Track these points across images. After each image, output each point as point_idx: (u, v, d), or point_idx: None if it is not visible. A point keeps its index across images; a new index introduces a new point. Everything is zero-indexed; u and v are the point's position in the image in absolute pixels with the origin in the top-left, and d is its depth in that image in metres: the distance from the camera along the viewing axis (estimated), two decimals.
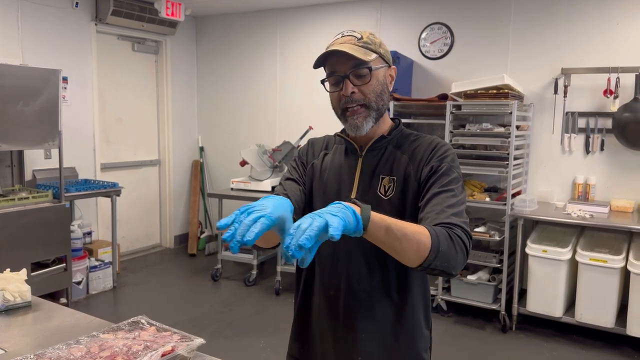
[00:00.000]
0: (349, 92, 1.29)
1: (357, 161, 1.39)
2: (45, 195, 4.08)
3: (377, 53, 1.32)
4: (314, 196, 1.43)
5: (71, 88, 4.87)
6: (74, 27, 4.88)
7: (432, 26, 4.73)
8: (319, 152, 1.48)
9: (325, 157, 1.46)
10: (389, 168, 1.35)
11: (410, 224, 1.12)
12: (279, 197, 1.05)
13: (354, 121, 1.32)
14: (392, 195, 1.32)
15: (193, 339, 1.38)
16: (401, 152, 1.36)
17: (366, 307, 1.35)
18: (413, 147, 1.36)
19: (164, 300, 4.58)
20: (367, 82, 1.30)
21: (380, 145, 1.38)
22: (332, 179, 1.41)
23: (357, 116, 1.31)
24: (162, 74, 5.91)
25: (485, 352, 3.63)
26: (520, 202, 4.00)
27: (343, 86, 1.30)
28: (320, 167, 1.45)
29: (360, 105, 1.31)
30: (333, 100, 1.35)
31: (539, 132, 4.36)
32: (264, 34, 5.72)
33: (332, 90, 1.34)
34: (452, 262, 1.14)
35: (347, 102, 1.31)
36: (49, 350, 1.30)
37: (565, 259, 3.73)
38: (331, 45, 1.32)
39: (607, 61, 4.00)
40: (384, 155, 1.37)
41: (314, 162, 1.47)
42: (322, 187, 1.42)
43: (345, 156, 1.42)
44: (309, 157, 1.49)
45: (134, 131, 5.77)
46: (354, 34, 1.33)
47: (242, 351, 3.58)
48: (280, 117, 5.69)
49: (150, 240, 6.10)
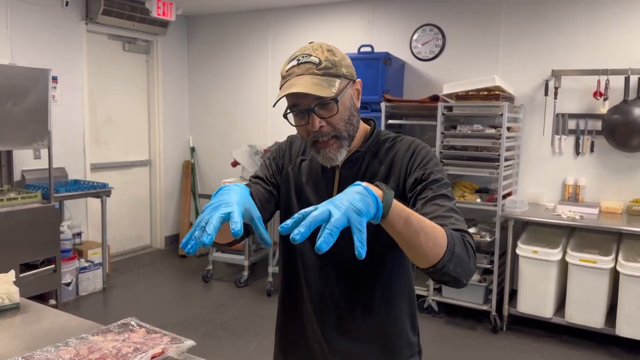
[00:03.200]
0: (316, 127, 1.21)
1: (333, 174, 1.33)
2: (35, 195, 4.04)
3: (339, 76, 1.21)
4: (289, 206, 1.38)
5: (61, 88, 4.83)
6: (64, 26, 4.85)
7: (423, 27, 4.74)
8: (296, 156, 1.41)
9: (302, 164, 1.39)
10: (368, 180, 1.28)
11: (427, 220, 1.05)
12: (234, 189, 1.03)
13: (326, 154, 1.24)
14: None
15: (183, 340, 1.37)
16: (378, 161, 1.30)
17: (352, 323, 1.33)
18: (390, 155, 1.30)
19: (154, 301, 4.55)
20: (334, 114, 1.21)
21: (357, 157, 1.32)
22: (308, 192, 1.35)
23: (329, 148, 1.24)
24: (153, 74, 5.88)
25: (476, 352, 3.64)
26: (510, 203, 4.02)
27: (309, 121, 1.20)
28: (295, 177, 1.39)
29: (331, 137, 1.23)
30: (301, 132, 1.27)
31: (529, 134, 4.39)
32: (255, 34, 5.71)
33: (298, 124, 1.24)
34: (465, 268, 1.08)
35: (315, 136, 1.23)
36: (37, 353, 1.28)
37: (556, 260, 3.75)
38: (288, 77, 1.21)
39: (597, 63, 4.04)
40: (361, 168, 1.31)
41: (289, 169, 1.40)
42: (297, 199, 1.36)
43: (322, 169, 1.34)
44: (285, 161, 1.42)
45: (125, 131, 5.73)
46: (310, 59, 1.20)
47: (234, 352, 3.56)
48: (272, 117, 5.68)
49: (141, 241, 6.07)
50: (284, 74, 1.23)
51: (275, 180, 1.41)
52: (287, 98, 1.21)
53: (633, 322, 3.51)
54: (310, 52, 1.22)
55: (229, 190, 1.03)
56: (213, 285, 4.92)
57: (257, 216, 1.02)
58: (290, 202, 1.38)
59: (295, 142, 1.45)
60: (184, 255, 5.87)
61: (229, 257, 5.03)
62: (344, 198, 0.92)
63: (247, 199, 1.03)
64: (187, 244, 0.91)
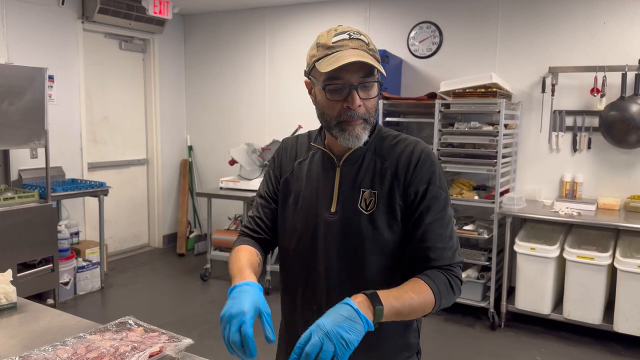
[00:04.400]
0: (356, 104, 1.18)
1: (334, 172, 1.31)
2: (32, 195, 4.03)
3: (379, 62, 1.20)
4: (288, 208, 1.37)
5: (57, 87, 4.82)
6: (60, 25, 4.83)
7: (420, 25, 4.74)
8: (293, 159, 1.39)
9: (300, 165, 1.38)
10: (370, 181, 1.27)
11: (415, 294, 1.14)
12: (246, 293, 1.10)
13: (354, 131, 1.21)
14: (373, 210, 1.26)
15: (181, 339, 1.36)
16: (381, 160, 1.29)
17: None
18: (395, 156, 1.28)
19: (152, 300, 4.55)
20: (372, 97, 1.22)
21: (358, 155, 1.30)
22: (309, 191, 1.33)
23: (357, 126, 1.21)
24: (150, 72, 5.87)
25: (475, 349, 3.64)
26: (508, 200, 4.02)
27: (349, 97, 1.18)
28: (294, 180, 1.37)
29: (361, 119, 1.21)
30: (328, 109, 1.22)
31: (526, 131, 4.39)
32: (252, 33, 5.70)
33: (333, 98, 1.20)
34: (447, 304, 1.24)
35: (349, 115, 1.20)
36: (35, 352, 1.28)
37: (553, 257, 3.75)
38: (340, 49, 1.17)
39: (594, 60, 4.04)
40: (362, 166, 1.29)
41: (287, 176, 1.39)
42: (299, 201, 1.35)
43: (322, 167, 1.33)
44: (283, 169, 1.41)
45: (122, 130, 5.72)
46: (361, 37, 1.20)
47: None
48: (270, 115, 5.68)
49: (139, 240, 6.06)
50: (329, 44, 1.19)
51: (276, 194, 1.41)
52: (332, 70, 1.15)
53: (631, 318, 3.51)
54: (359, 31, 1.22)
55: (239, 293, 1.11)
56: (211, 284, 4.92)
57: (266, 312, 1.09)
58: (287, 206, 1.37)
59: (288, 147, 1.43)
60: (182, 254, 5.86)
61: (227, 256, 5.01)
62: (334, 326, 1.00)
63: (258, 299, 1.10)
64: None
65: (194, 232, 6.15)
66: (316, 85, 1.24)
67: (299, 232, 1.34)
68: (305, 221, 1.33)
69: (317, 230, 1.31)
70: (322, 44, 1.20)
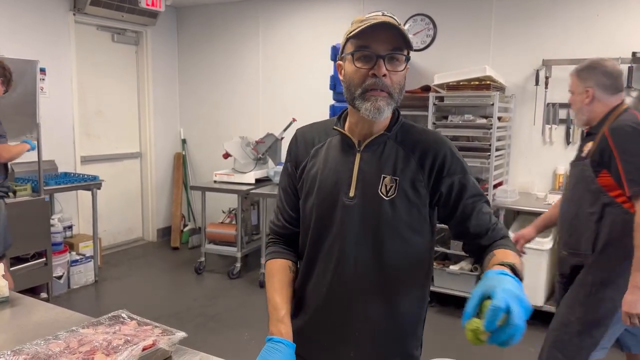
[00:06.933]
0: (382, 72, 1.19)
1: (354, 157, 1.30)
2: (24, 188, 4.01)
3: (409, 43, 1.22)
4: (307, 192, 1.37)
5: (49, 79, 4.78)
6: (51, 17, 4.78)
7: (414, 17, 4.73)
8: (311, 147, 1.39)
9: (317, 152, 1.37)
10: (392, 167, 1.28)
11: (512, 253, 1.28)
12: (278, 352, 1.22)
13: (377, 102, 1.21)
14: (394, 197, 1.27)
15: (175, 332, 1.36)
16: (404, 150, 1.30)
17: (361, 307, 1.33)
18: (420, 148, 1.29)
19: (146, 294, 4.54)
20: (400, 71, 1.23)
21: (380, 141, 1.30)
22: (327, 176, 1.33)
23: (381, 98, 1.21)
24: (143, 65, 5.83)
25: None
26: (501, 192, 4.04)
27: (376, 65, 1.19)
28: (313, 166, 1.36)
29: (385, 91, 1.22)
30: (354, 78, 1.23)
31: (520, 124, 4.40)
32: (245, 25, 5.67)
33: (361, 66, 1.21)
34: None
35: (374, 84, 1.20)
36: (27, 346, 1.27)
37: (547, 249, 3.77)
38: (374, 19, 1.20)
39: (588, 52, 4.03)
40: (384, 152, 1.29)
41: (305, 163, 1.38)
42: (315, 184, 1.34)
43: (341, 151, 1.33)
44: (299, 158, 1.40)
45: (115, 123, 5.68)
46: (394, 16, 1.22)
47: (226, 344, 3.57)
48: (264, 109, 5.66)
49: (133, 234, 6.04)
50: (362, 19, 1.23)
51: (296, 185, 1.41)
52: (360, 39, 1.20)
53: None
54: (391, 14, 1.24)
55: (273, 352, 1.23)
56: (205, 277, 4.92)
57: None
58: (306, 193, 1.37)
59: (306, 136, 1.42)
60: (176, 248, 5.85)
61: (221, 249, 5.02)
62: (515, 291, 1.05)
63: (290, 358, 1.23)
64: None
65: (188, 225, 6.14)
66: (346, 58, 1.26)
67: (316, 215, 1.34)
68: (323, 205, 1.33)
69: (335, 214, 1.31)
70: (356, 20, 1.25)
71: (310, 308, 1.39)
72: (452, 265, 4.14)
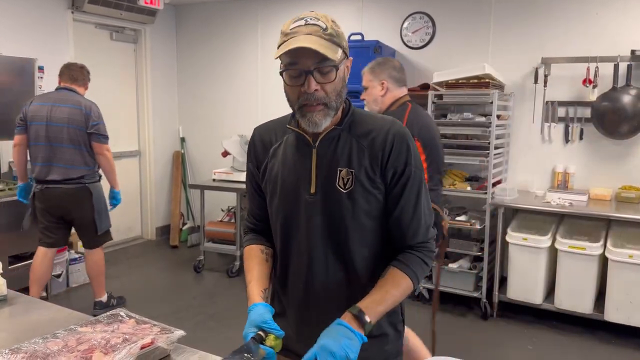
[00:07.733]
0: (312, 89, 1.21)
1: (310, 153, 1.32)
2: None
3: (341, 47, 1.24)
4: (271, 193, 1.39)
5: (48, 78, 4.74)
6: (49, 15, 4.77)
7: (413, 15, 4.72)
8: (268, 148, 1.41)
9: (276, 151, 1.39)
10: (347, 160, 1.30)
11: (395, 288, 1.26)
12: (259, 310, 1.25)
13: (312, 117, 1.24)
14: (351, 189, 1.29)
15: (173, 331, 1.36)
16: (356, 139, 1.31)
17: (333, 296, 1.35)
18: (370, 136, 1.30)
19: (145, 292, 4.54)
20: (331, 81, 1.23)
21: (333, 135, 1.32)
22: (288, 175, 1.35)
23: (316, 113, 1.24)
24: (142, 63, 5.81)
25: (467, 339, 3.67)
26: (500, 191, 4.04)
27: (306, 82, 1.21)
28: (273, 167, 1.39)
29: (321, 104, 1.24)
30: (290, 94, 1.27)
31: (519, 122, 4.40)
32: (244, 23, 5.66)
33: (292, 83, 1.24)
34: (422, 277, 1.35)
35: (307, 99, 1.23)
36: (25, 345, 1.27)
37: (545, 247, 3.78)
38: (293, 35, 1.21)
39: (587, 51, 4.04)
40: (338, 145, 1.31)
41: (265, 163, 1.41)
42: (278, 184, 1.37)
43: (297, 148, 1.35)
44: (259, 158, 1.43)
45: (113, 122, 5.63)
46: (318, 22, 1.22)
47: (226, 342, 3.56)
48: (262, 107, 5.65)
49: (131, 232, 6.04)
50: (287, 31, 1.23)
51: (259, 183, 1.44)
52: (287, 55, 1.21)
53: (621, 307, 3.55)
54: (317, 17, 1.24)
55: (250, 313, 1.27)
56: (204, 276, 4.92)
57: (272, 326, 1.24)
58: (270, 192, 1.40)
59: (263, 136, 1.45)
60: (175, 246, 5.85)
61: (220, 247, 5.02)
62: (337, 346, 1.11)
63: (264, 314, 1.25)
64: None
65: (187, 223, 6.14)
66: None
67: (282, 214, 1.37)
68: (288, 204, 1.36)
69: (299, 211, 1.34)
70: (282, 31, 1.25)
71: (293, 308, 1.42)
72: (451, 264, 4.14)
